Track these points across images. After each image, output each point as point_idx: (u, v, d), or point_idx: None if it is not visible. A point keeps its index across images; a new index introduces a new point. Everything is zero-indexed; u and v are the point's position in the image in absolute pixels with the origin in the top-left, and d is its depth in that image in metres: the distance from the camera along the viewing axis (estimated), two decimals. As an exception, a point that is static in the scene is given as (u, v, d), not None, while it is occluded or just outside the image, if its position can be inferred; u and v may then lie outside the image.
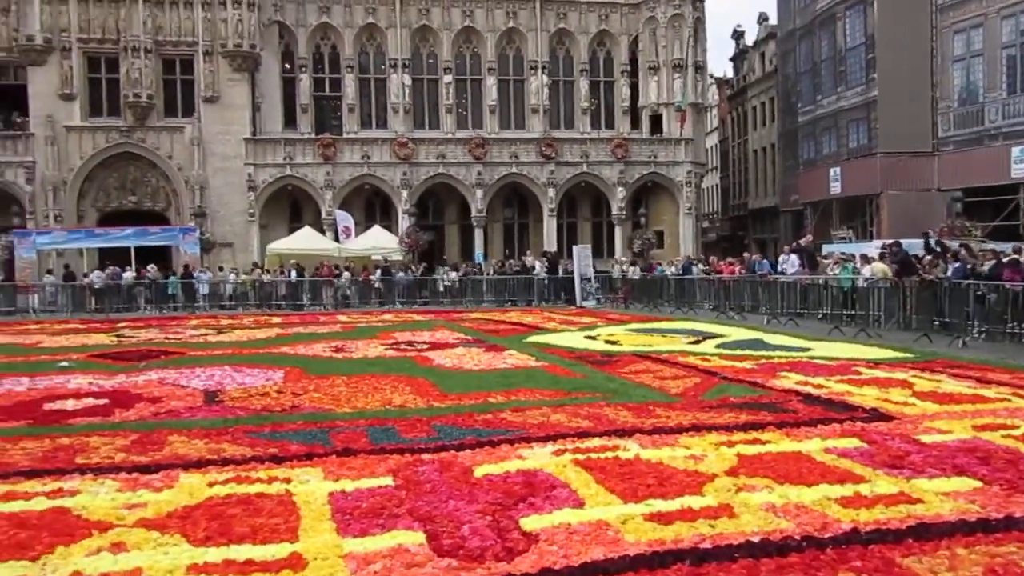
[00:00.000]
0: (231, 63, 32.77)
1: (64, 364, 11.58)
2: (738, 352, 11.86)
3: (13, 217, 31.37)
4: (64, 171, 31.61)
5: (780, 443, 6.05)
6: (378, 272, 28.09)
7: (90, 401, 8.42)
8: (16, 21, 31.18)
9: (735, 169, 53.20)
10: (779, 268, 20.77)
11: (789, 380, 9.05)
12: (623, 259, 31.57)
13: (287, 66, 34.78)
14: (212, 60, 32.58)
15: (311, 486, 5.06)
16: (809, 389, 8.41)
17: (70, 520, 4.49)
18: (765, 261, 22.65)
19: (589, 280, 26.93)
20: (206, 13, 32.40)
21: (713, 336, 14.33)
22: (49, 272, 27.99)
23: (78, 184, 32.05)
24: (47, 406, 8.18)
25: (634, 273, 27.44)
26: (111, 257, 29.08)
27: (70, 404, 8.27)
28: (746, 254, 26.17)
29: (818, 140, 35.01)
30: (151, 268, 27.20)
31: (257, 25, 32.85)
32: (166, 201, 33.33)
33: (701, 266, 25.68)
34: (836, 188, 32.38)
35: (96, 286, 26.28)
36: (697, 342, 13.45)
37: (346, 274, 27.94)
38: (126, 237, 29.21)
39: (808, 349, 12.14)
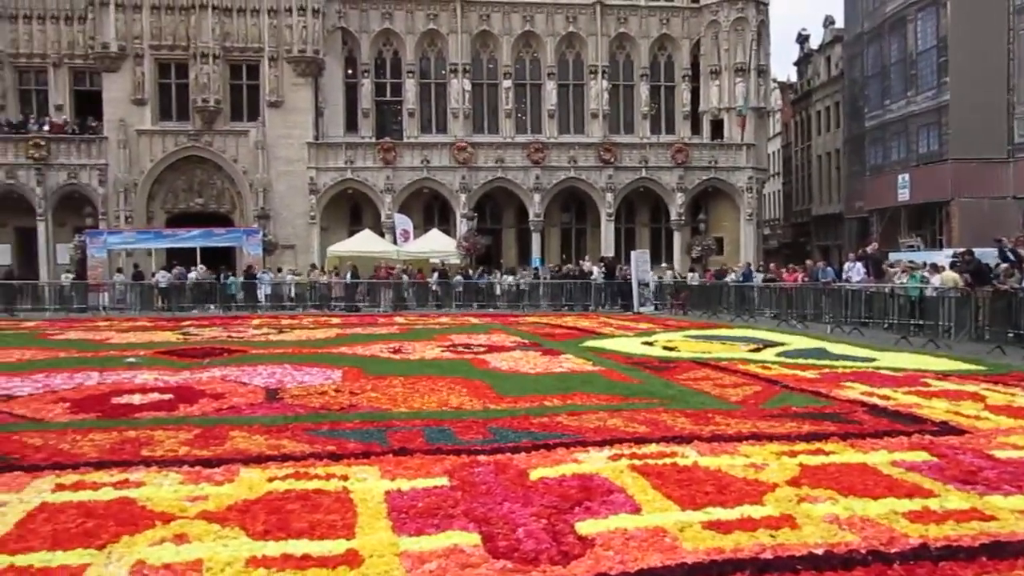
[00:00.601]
0: (295, 68, 33.43)
1: (132, 360, 11.91)
2: (800, 361, 11.59)
3: (86, 218, 32.50)
4: (135, 173, 32.62)
5: (844, 454, 5.87)
6: (435, 275, 28.30)
7: (156, 396, 8.64)
8: (92, 29, 32.31)
9: (798, 175, 52.17)
10: (843, 276, 20.29)
11: (854, 390, 8.80)
12: (666, 266, 31.38)
13: (350, 71, 35.32)
14: (277, 65, 33.27)
15: (368, 484, 5.09)
16: (875, 400, 8.16)
17: (135, 510, 4.59)
18: (829, 268, 22.15)
19: (647, 285, 26.69)
20: (272, 20, 33.11)
21: (774, 344, 14.04)
22: (119, 271, 28.90)
23: (148, 186, 33.04)
24: (115, 400, 8.41)
25: (692, 279, 27.11)
26: (177, 257, 29.93)
27: (137, 399, 8.49)
28: (809, 261, 25.63)
29: (886, 145, 34.12)
30: (200, 268, 27.85)
31: (321, 31, 33.44)
32: (231, 203, 34.13)
33: (762, 274, 25.23)
34: (904, 195, 31.51)
35: (162, 285, 27.06)
36: (758, 350, 13.19)
37: (404, 276, 28.19)
38: (192, 238, 30.02)
39: (874, 359, 11.80)
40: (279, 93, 33.34)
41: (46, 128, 32.86)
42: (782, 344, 14.09)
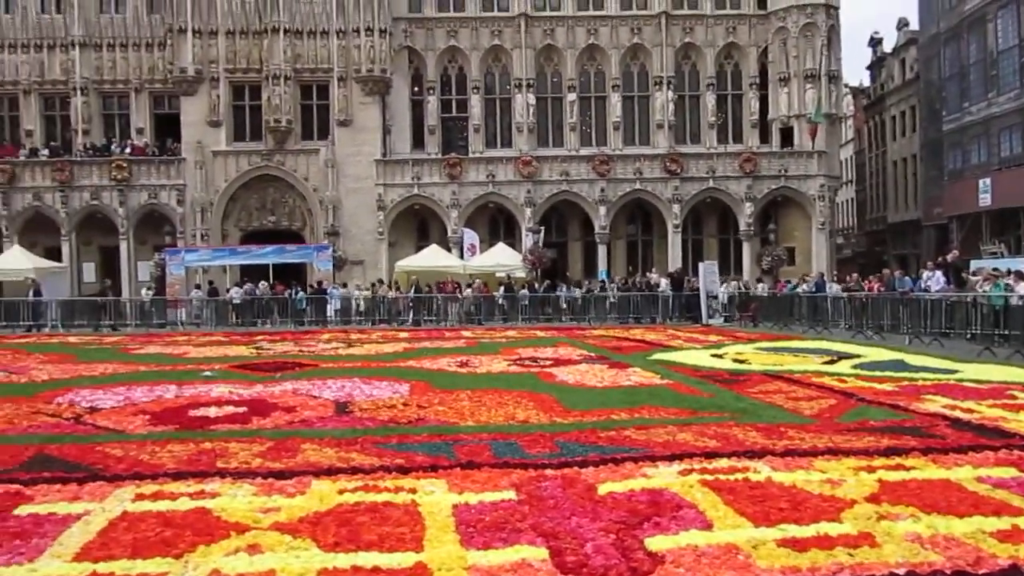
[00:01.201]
0: (363, 87, 34.09)
1: (208, 374, 12.26)
2: (877, 373, 11.22)
3: (165, 236, 33.69)
4: (211, 193, 33.68)
5: (926, 470, 5.65)
6: (501, 289, 28.43)
7: (230, 409, 8.86)
8: (171, 55, 33.57)
9: (872, 182, 50.74)
10: (922, 285, 19.63)
11: (935, 403, 8.47)
12: (735, 277, 30.85)
13: (416, 89, 35.85)
14: (346, 85, 33.99)
15: (436, 497, 5.11)
16: (958, 413, 7.85)
17: (210, 521, 4.71)
18: (907, 278, 21.46)
19: (715, 297, 26.29)
20: (341, 41, 33.86)
21: (849, 356, 13.64)
22: (197, 287, 29.84)
23: (223, 205, 34.07)
24: (192, 412, 8.66)
25: (763, 290, 26.60)
26: (251, 273, 30.76)
27: (212, 411, 8.73)
28: (886, 270, 24.87)
29: (966, 149, 32.97)
30: (261, 285, 28.50)
31: (388, 51, 34.05)
32: (302, 220, 34.93)
33: (838, 285, 24.55)
34: (986, 200, 30.35)
35: (236, 301, 27.84)
36: (832, 362, 12.83)
37: (468, 291, 28.39)
38: (265, 255, 30.83)
39: (955, 371, 11.35)
40: (348, 112, 34.04)
41: (128, 151, 34.23)
42: (858, 356, 13.68)
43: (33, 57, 34.47)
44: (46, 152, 34.18)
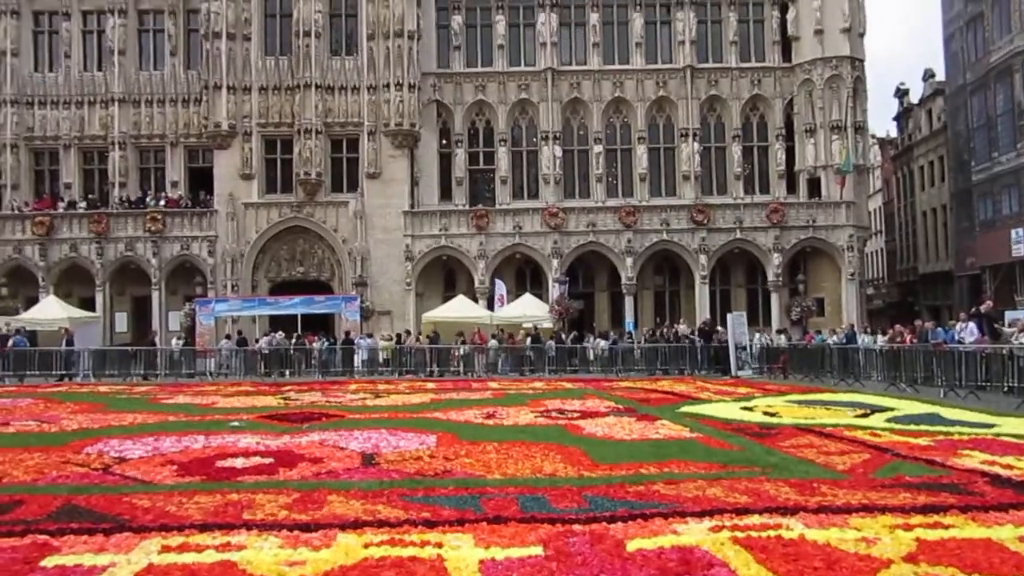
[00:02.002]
0: (393, 141, 34.68)
1: (236, 424, 12.29)
2: (912, 427, 10.99)
3: (196, 287, 34.17)
4: (241, 244, 34.20)
5: (966, 528, 5.49)
6: (527, 340, 28.42)
7: (257, 460, 8.86)
8: (206, 110, 34.45)
9: (902, 232, 50.38)
10: (955, 337, 19.28)
11: (973, 459, 8.27)
12: (763, 329, 30.47)
13: (444, 141, 36.38)
14: (375, 138, 34.60)
15: (462, 552, 5.05)
16: (997, 469, 7.64)
17: (236, 574, 4.67)
18: (940, 329, 21.11)
19: (744, 348, 26.03)
20: (371, 96, 34.57)
21: (883, 409, 13.38)
22: (227, 337, 30.11)
23: (253, 256, 34.55)
24: (219, 463, 8.67)
25: (782, 341, 26.35)
26: (279, 324, 31.02)
27: (239, 462, 8.73)
28: (918, 321, 24.50)
29: (996, 199, 32.69)
30: (278, 335, 28.68)
31: (417, 105, 34.67)
32: (330, 271, 35.28)
33: (875, 337, 24.14)
34: (1019, 250, 30.00)
35: (264, 351, 28.04)
36: (865, 415, 12.60)
37: (492, 341, 28.43)
38: (294, 305, 31.09)
39: (993, 425, 11.09)
40: (377, 164, 34.58)
41: (162, 203, 34.97)
42: (891, 409, 13.42)
43: (74, 113, 35.57)
44: (83, 204, 35.02)
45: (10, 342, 27.62)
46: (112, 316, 34.71)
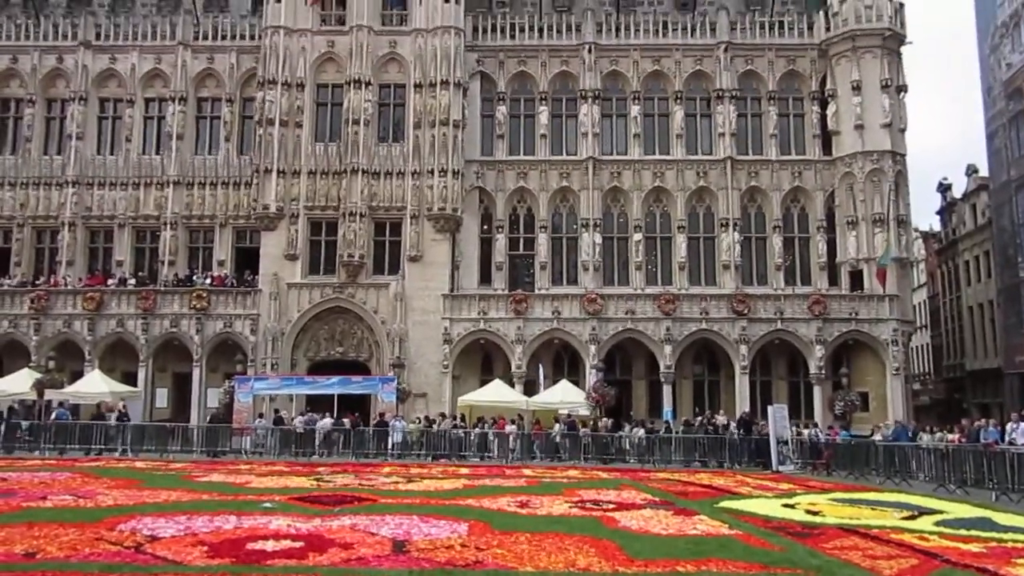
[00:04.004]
0: (435, 225, 35.29)
1: (268, 505, 12.25)
2: (962, 532, 10.55)
3: (236, 364, 34.54)
4: (283, 323, 34.67)
5: (1022, 645, 5.20)
6: (556, 426, 28.27)
7: (288, 543, 8.79)
8: (255, 193, 35.53)
9: (948, 327, 49.41)
10: (1007, 437, 18.65)
11: (1029, 569, 7.89)
12: (805, 422, 29.73)
13: (485, 227, 36.91)
14: (418, 222, 35.25)
15: (491, 649, 4.90)
16: (1055, 581, 7.27)
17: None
18: (992, 428, 20.44)
19: (786, 443, 25.41)
20: (415, 181, 35.40)
21: (931, 512, 12.89)
22: (260, 416, 30.25)
23: (294, 335, 34.95)
24: (249, 546, 8.61)
25: (814, 435, 25.75)
26: (316, 403, 31.11)
27: (270, 545, 8.66)
28: (966, 420, 23.78)
29: (1045, 296, 32.01)
30: (327, 422, 28.67)
31: (460, 191, 35.39)
32: (369, 352, 35.50)
33: (936, 434, 23.37)
34: (1071, 349, 29.14)
35: (298, 431, 28.09)
36: (912, 518, 12.14)
37: (511, 427, 28.33)
38: (331, 385, 31.22)
39: (1050, 533, 10.60)
40: (419, 248, 35.13)
41: (208, 281, 35.75)
42: (940, 512, 12.93)
43: (130, 194, 36.90)
44: (133, 282, 35.95)
45: (53, 415, 28.09)
46: (153, 392, 35.16)
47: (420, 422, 29.43)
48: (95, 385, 30.76)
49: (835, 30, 36.11)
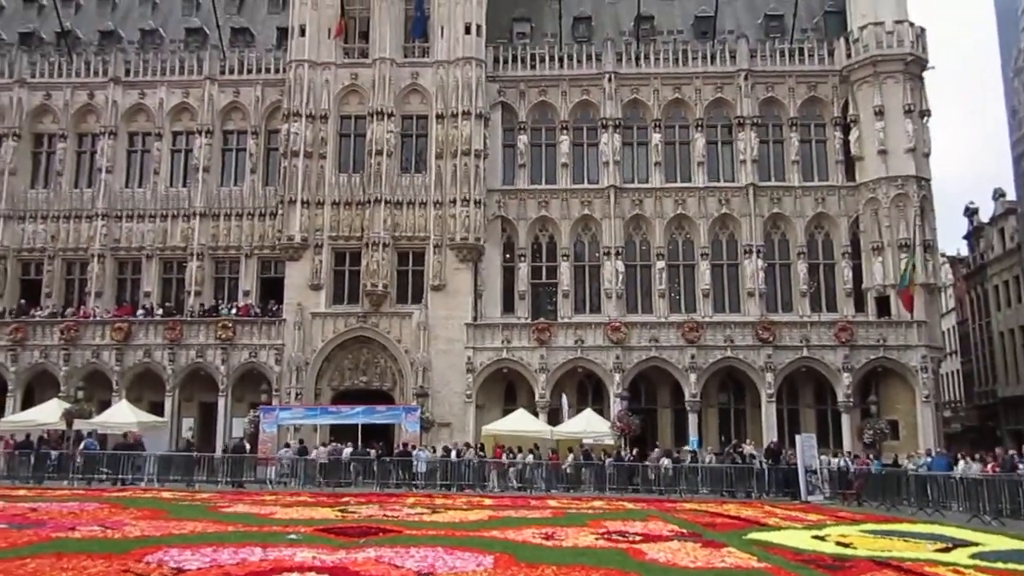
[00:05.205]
0: (457, 254, 35.44)
1: (293, 537, 12.23)
2: (999, 565, 10.31)
3: (261, 394, 34.71)
4: (307, 353, 34.84)
5: None
6: (569, 457, 28.18)
7: (312, 576, 8.75)
8: (280, 224, 35.92)
9: (978, 353, 48.65)
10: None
11: (1069, 604, 7.67)
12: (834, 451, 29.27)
13: (507, 255, 37.00)
14: (441, 252, 35.41)
15: None
16: (1097, 618, 7.06)
17: None
18: (1026, 457, 20.01)
19: (815, 472, 25.03)
20: (438, 211, 35.62)
21: (966, 544, 12.62)
22: (286, 446, 30.30)
23: (318, 364, 35.09)
24: (275, 578, 8.58)
25: (829, 464, 25.39)
26: (340, 433, 31.13)
27: (295, 578, 8.63)
28: (999, 448, 23.32)
29: (1078, 322, 31.44)
30: (347, 451, 28.72)
31: (483, 220, 35.55)
32: (392, 381, 35.54)
33: (970, 463, 22.88)
34: (1106, 376, 28.55)
35: (321, 461, 28.10)
36: (947, 550, 11.88)
37: (529, 457, 28.22)
38: (355, 415, 31.24)
39: (1090, 566, 10.32)
40: (442, 277, 35.25)
41: (234, 312, 36.06)
42: (976, 544, 12.65)
43: (158, 225, 37.45)
44: (160, 312, 36.34)
45: (81, 444, 28.32)
46: (179, 421, 35.39)
47: (435, 450, 29.41)
48: (123, 415, 31.02)
49: (856, 56, 36.07)
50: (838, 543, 12.61)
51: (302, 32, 37.11)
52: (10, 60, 39.38)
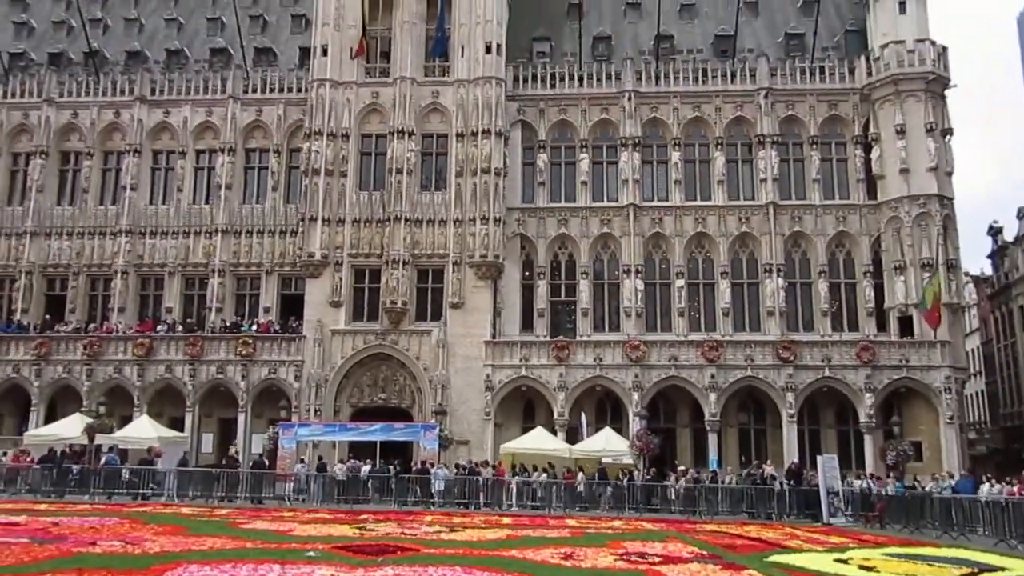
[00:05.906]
0: (477, 272, 35.51)
1: (311, 554, 12.23)
2: (1027, 591, 10.13)
3: (280, 410, 34.83)
4: (327, 369, 34.96)
5: None
6: (580, 475, 28.07)
7: (331, 594, 8.74)
8: (301, 241, 36.19)
9: (1003, 374, 47.98)
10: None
11: (1100, 633, 7.52)
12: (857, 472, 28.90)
13: (527, 273, 37.03)
14: (460, 269, 35.51)
15: None
16: None
17: None
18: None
19: (837, 494, 24.72)
20: (457, 229, 35.76)
21: (992, 568, 12.40)
22: (302, 461, 30.32)
23: (337, 381, 35.21)
24: (294, 596, 8.58)
25: (842, 485, 25.07)
26: (358, 450, 31.13)
27: (314, 596, 8.63)
28: (1026, 472, 22.95)
29: (1105, 343, 30.96)
30: (347, 463, 28.81)
31: (502, 238, 35.63)
32: (411, 398, 35.57)
33: (996, 486, 22.58)
34: None
35: (339, 478, 28.10)
36: (972, 575, 11.68)
37: (543, 476, 28.09)
38: (373, 432, 31.25)
39: (1121, 594, 10.11)
40: (461, 295, 35.32)
41: (254, 328, 36.28)
42: (1002, 569, 12.43)
43: (180, 242, 37.86)
44: (181, 328, 36.64)
45: (103, 460, 28.52)
46: (199, 437, 35.56)
47: (449, 469, 29.38)
48: (144, 430, 31.26)
49: (877, 75, 35.97)
50: (861, 566, 12.44)
51: (324, 52, 37.56)
52: (39, 80, 40.12)
